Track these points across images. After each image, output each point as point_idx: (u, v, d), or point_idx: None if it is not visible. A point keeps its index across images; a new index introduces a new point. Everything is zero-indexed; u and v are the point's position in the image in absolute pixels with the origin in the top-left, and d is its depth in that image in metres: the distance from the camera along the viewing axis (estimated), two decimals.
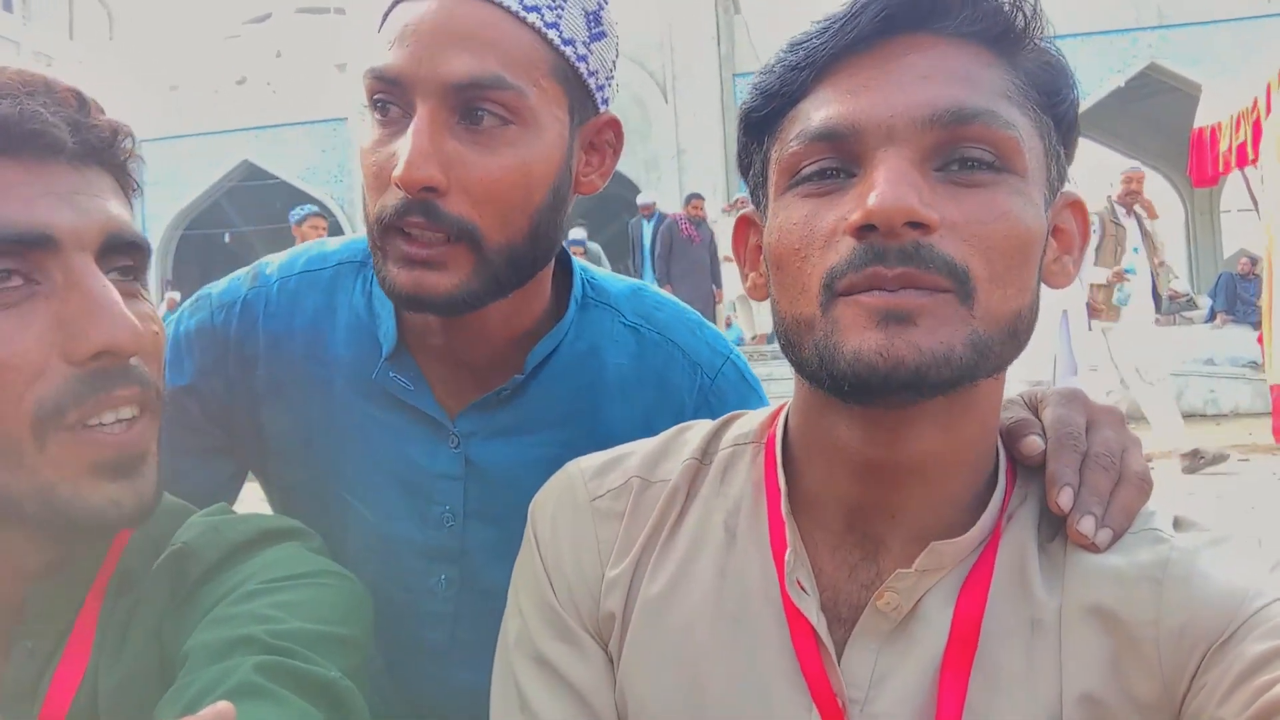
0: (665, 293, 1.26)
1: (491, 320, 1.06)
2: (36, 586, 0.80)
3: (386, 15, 0.98)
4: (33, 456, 0.71)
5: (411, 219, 0.94)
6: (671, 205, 14.67)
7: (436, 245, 0.95)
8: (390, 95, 0.95)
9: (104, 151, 0.79)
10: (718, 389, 1.16)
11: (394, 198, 0.94)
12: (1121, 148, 18.50)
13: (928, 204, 0.68)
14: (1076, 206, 0.80)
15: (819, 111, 0.74)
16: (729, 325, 12.70)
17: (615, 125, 1.08)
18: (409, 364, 1.11)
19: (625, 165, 16.19)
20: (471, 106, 0.94)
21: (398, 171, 0.92)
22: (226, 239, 19.05)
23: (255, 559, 0.84)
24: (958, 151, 0.71)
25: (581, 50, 1.00)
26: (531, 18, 0.96)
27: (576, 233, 10.35)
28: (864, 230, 0.69)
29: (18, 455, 0.71)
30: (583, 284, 1.17)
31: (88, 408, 0.72)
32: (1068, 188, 0.80)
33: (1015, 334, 0.73)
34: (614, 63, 1.06)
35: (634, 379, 1.14)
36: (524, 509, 1.05)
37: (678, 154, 15.58)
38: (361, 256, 1.18)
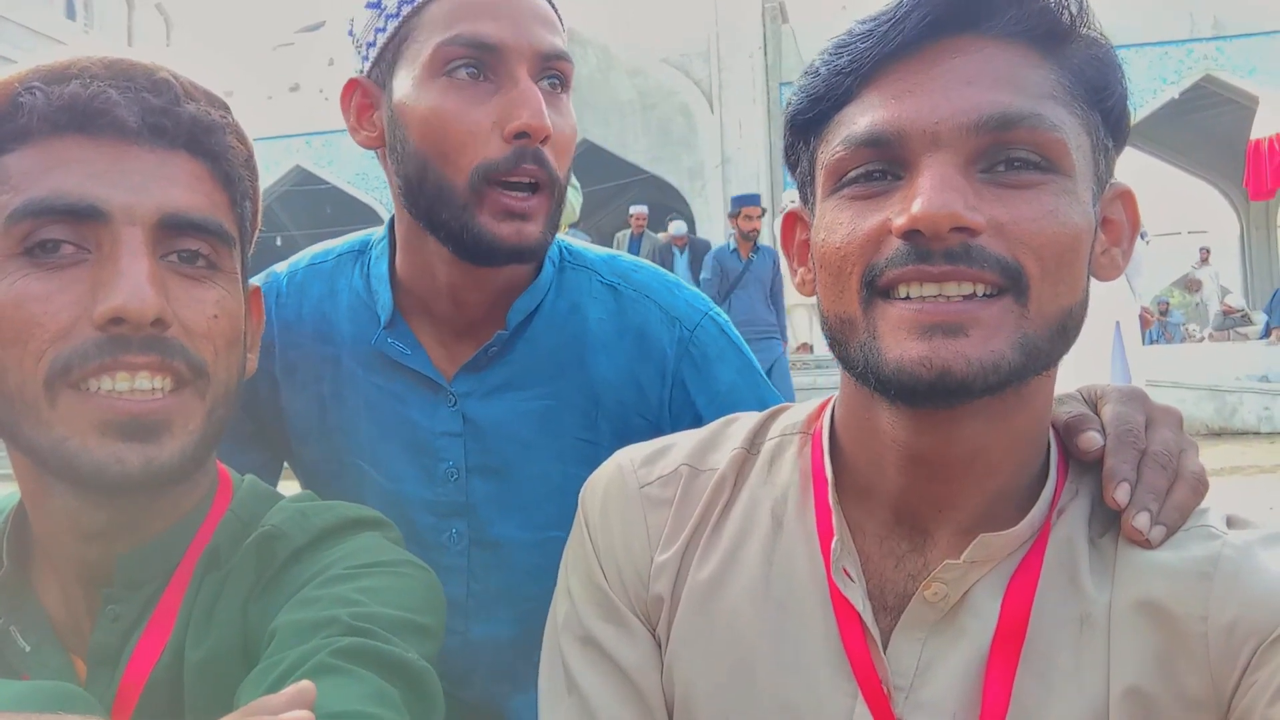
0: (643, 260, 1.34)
1: (501, 275, 1.16)
2: (127, 557, 0.84)
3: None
4: (47, 411, 0.77)
5: (527, 166, 1.06)
6: (716, 214, 14.65)
7: (530, 198, 1.08)
8: (482, 61, 1.07)
9: (188, 138, 0.83)
10: (697, 340, 1.22)
11: (500, 150, 1.06)
12: (1175, 160, 18.17)
13: (973, 207, 0.70)
14: (1126, 197, 0.81)
15: (864, 117, 0.75)
16: None
17: None
18: (405, 331, 1.21)
19: (670, 174, 16.22)
20: (549, 76, 1.10)
21: (527, 122, 1.04)
22: (278, 243, 19.35)
23: (341, 545, 0.88)
24: (1003, 154, 0.72)
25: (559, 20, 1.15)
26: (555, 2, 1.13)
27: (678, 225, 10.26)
28: (910, 234, 0.71)
29: (36, 409, 0.77)
30: (559, 249, 1.25)
31: (92, 368, 0.76)
32: (1115, 178, 0.81)
33: (1064, 331, 0.74)
34: None
35: (615, 333, 1.21)
36: (520, 461, 1.18)
37: (723, 163, 15.56)
38: (360, 246, 1.29)
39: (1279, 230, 18.72)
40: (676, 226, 10.09)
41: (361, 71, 1.17)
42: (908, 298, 0.72)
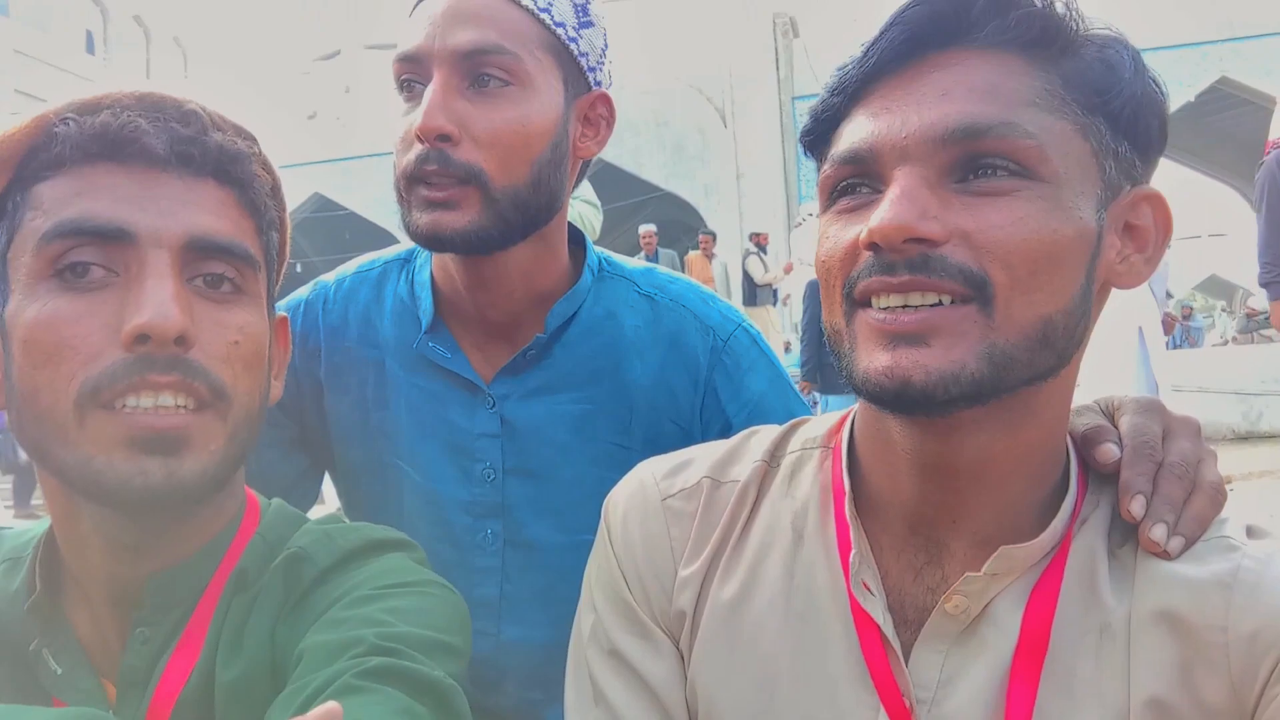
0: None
1: (511, 275, 1.19)
2: (156, 577, 0.85)
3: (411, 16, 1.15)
4: (75, 431, 0.78)
5: (429, 167, 1.10)
6: (732, 230, 14.66)
7: (450, 188, 1.10)
8: (413, 73, 1.12)
9: (215, 166, 0.86)
10: (730, 350, 1.25)
11: (415, 152, 1.10)
12: (1193, 163, 18.05)
13: (932, 217, 0.70)
14: (1154, 200, 0.78)
15: (848, 135, 0.77)
16: (786, 349, 12.58)
17: (607, 100, 1.24)
18: (446, 336, 1.25)
19: (685, 190, 16.27)
20: (477, 73, 1.11)
21: (415, 122, 1.08)
22: (299, 269, 19.54)
23: (366, 566, 0.88)
24: (976, 162, 0.72)
25: (571, 33, 1.17)
26: (525, 2, 1.14)
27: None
28: (873, 246, 0.72)
29: (65, 429, 0.78)
30: (598, 259, 1.30)
31: (120, 388, 0.77)
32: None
33: (1047, 341, 0.72)
34: (604, 50, 1.24)
35: (650, 340, 1.25)
36: (556, 464, 1.21)
37: (737, 178, 15.58)
38: (406, 254, 1.33)
39: None
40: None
41: None
42: (878, 308, 0.73)
